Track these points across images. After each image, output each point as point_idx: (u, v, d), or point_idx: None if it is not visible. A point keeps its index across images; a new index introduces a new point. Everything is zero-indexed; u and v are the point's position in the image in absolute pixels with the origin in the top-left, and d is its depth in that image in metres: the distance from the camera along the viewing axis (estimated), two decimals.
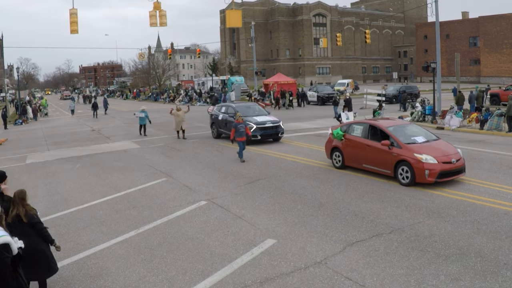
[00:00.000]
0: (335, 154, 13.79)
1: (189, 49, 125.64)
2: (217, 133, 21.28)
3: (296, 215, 9.42)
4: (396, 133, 12.10)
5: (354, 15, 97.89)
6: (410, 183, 11.16)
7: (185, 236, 8.48)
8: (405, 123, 14.04)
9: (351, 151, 13.18)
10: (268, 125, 19.19)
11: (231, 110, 20.46)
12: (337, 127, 14.21)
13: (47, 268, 6.29)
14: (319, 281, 6.44)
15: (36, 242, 6.17)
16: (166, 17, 24.97)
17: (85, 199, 11.46)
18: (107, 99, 47.60)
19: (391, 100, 38.68)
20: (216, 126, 21.33)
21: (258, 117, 19.59)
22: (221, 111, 21.32)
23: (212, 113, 22.34)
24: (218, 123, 21.08)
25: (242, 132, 15.32)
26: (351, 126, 13.57)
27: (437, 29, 28.42)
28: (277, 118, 20.06)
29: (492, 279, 6.27)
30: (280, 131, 19.48)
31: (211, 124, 22.18)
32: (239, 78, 63.11)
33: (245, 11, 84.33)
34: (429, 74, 30.13)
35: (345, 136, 13.38)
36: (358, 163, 12.94)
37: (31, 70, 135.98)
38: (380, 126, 12.58)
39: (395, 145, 11.69)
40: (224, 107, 21.68)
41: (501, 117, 20.60)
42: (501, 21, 70.76)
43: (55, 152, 19.92)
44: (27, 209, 6.17)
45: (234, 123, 15.73)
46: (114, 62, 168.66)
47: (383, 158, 11.97)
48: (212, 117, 22.04)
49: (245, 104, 23.07)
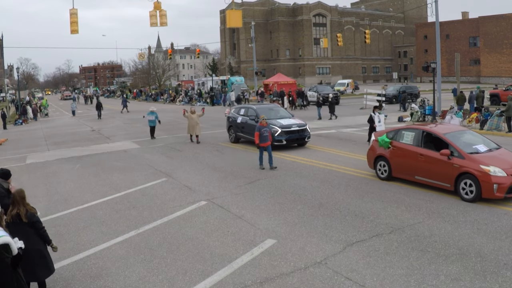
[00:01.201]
0: (380, 164, 12.14)
1: (189, 49, 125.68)
2: (235, 137, 19.70)
3: (296, 215, 9.42)
4: (455, 141, 10.61)
5: (354, 15, 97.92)
6: (475, 198, 9.74)
7: (185, 236, 8.48)
8: (461, 128, 12.49)
9: (400, 161, 11.58)
10: (294, 128, 17.58)
11: (251, 112, 18.96)
12: (382, 133, 12.58)
13: (46, 268, 6.30)
14: (319, 281, 6.44)
15: (35, 242, 6.18)
16: (166, 17, 24.97)
17: (85, 199, 11.47)
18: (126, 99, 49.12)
19: (391, 100, 38.69)
20: (234, 130, 19.77)
21: (283, 120, 17.99)
22: (240, 113, 19.76)
23: (229, 115, 20.71)
24: (237, 126, 19.55)
25: (266, 137, 14.14)
26: (400, 132, 11.94)
27: (437, 29, 28.43)
28: (302, 121, 18.44)
29: (492, 279, 6.28)
30: (307, 135, 17.87)
31: (228, 128, 20.50)
32: (239, 78, 63.01)
33: (245, 11, 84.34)
34: (429, 74, 30.13)
35: (393, 144, 11.83)
36: (409, 175, 11.35)
37: (31, 70, 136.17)
38: (436, 133, 11.09)
39: (456, 155, 10.21)
40: (243, 109, 20.13)
41: (501, 117, 20.61)
42: (501, 21, 70.79)
43: (55, 152, 19.92)
44: (27, 208, 6.18)
45: (257, 126, 14.37)
46: (114, 62, 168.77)
47: (441, 169, 10.43)
48: (229, 120, 20.37)
49: (267, 106, 21.27)
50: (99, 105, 38.86)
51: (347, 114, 31.21)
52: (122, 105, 44.97)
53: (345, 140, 19.39)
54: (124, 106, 44.66)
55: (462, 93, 29.61)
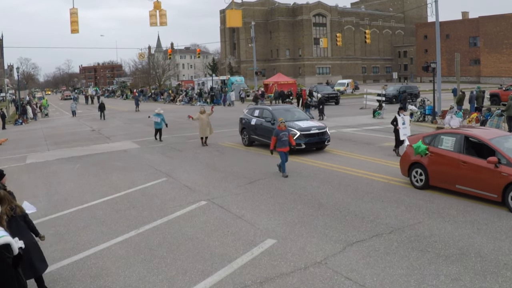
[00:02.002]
0: (416, 172, 11.15)
1: (189, 49, 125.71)
2: (249, 140, 18.68)
3: (296, 215, 9.42)
4: (502, 147, 9.73)
5: (354, 15, 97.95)
6: None
7: (185, 236, 8.48)
8: (506, 134, 11.58)
9: (439, 169, 10.63)
10: (313, 131, 16.50)
11: (266, 113, 17.94)
12: (416, 139, 11.50)
13: (43, 261, 6.40)
14: (319, 281, 6.44)
15: (30, 236, 6.32)
16: (166, 17, 25.01)
17: (85, 199, 11.46)
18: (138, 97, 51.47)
19: (391, 100, 38.68)
20: (248, 132, 18.74)
21: (301, 122, 16.92)
22: (254, 114, 18.72)
23: (242, 117, 19.68)
24: (251, 128, 18.53)
25: (285, 141, 12.98)
26: (438, 138, 10.96)
27: (437, 29, 28.44)
28: (322, 124, 17.58)
29: (492, 279, 6.28)
30: (327, 138, 16.82)
31: (241, 130, 19.47)
32: (239, 78, 63.10)
33: (245, 11, 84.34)
34: (429, 74, 30.13)
35: (430, 150, 10.93)
36: (449, 184, 10.42)
37: (31, 70, 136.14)
38: (480, 138, 10.19)
39: (504, 163, 9.36)
40: (257, 110, 19.03)
41: (501, 117, 20.62)
42: (501, 21, 70.81)
43: (55, 152, 19.92)
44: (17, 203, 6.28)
45: (275, 130, 13.21)
46: (114, 62, 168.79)
47: (486, 178, 9.60)
48: (242, 122, 19.33)
49: (283, 107, 19.97)
50: (102, 105, 37.91)
51: (347, 114, 31.22)
52: (135, 104, 47.52)
53: (346, 140, 19.38)
54: (136, 105, 47.07)
55: (463, 92, 29.61)
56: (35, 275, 6.27)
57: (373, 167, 13.75)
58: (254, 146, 18.45)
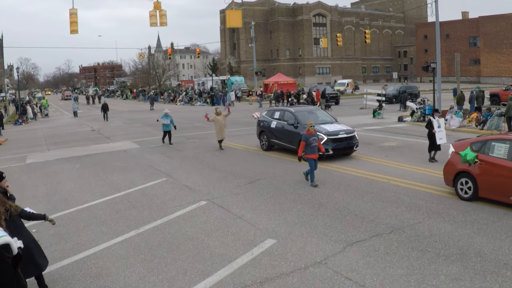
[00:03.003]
0: (462, 181, 10.15)
1: (189, 49, 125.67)
2: (268, 145, 17.42)
3: (296, 215, 9.42)
4: None
5: (354, 15, 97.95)
6: None
7: (185, 236, 8.48)
8: None
9: (491, 179, 9.67)
10: (341, 135, 15.14)
11: (288, 116, 16.70)
12: (464, 145, 10.50)
13: (45, 258, 6.41)
14: (319, 281, 6.44)
15: (29, 233, 6.34)
16: (166, 17, 24.99)
17: (85, 199, 11.46)
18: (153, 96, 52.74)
19: (391, 100, 38.70)
20: (267, 136, 17.43)
21: (327, 126, 15.55)
22: (274, 117, 17.50)
23: (260, 119, 18.39)
24: (271, 132, 17.24)
25: (314, 147, 11.90)
26: (489, 144, 10.01)
27: (437, 29, 28.43)
28: (350, 127, 16.10)
29: (492, 279, 6.28)
30: (355, 143, 15.47)
31: (259, 133, 18.18)
32: (239, 78, 63.16)
33: (245, 11, 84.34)
34: (429, 74, 30.13)
35: (479, 157, 9.97)
36: (502, 195, 9.44)
37: (31, 70, 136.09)
38: None
39: None
40: (278, 112, 17.74)
41: (501, 117, 20.63)
42: (501, 21, 70.82)
43: (55, 152, 19.92)
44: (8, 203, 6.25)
45: (304, 135, 12.09)
46: (114, 62, 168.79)
47: None
48: (260, 125, 18.11)
49: (306, 109, 18.34)
50: (105, 106, 36.62)
51: (347, 114, 31.22)
52: (150, 103, 48.69)
53: None
54: (152, 104, 48.30)
55: (462, 93, 29.61)
56: (38, 272, 6.28)
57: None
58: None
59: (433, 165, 13.72)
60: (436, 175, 12.43)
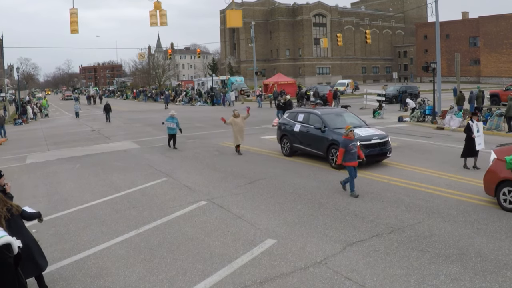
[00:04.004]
0: (505, 191, 9.30)
1: (189, 49, 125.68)
2: (291, 149, 16.10)
3: (296, 215, 9.42)
4: None
5: (354, 15, 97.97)
6: None
7: (185, 236, 8.48)
8: None
9: None
10: (374, 141, 13.82)
11: (314, 119, 15.32)
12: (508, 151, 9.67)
13: (43, 258, 6.40)
14: (319, 281, 6.44)
15: (29, 233, 6.35)
16: (166, 17, 25.00)
17: (85, 199, 11.46)
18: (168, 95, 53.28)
19: (391, 100, 38.70)
20: (290, 140, 16.10)
21: (358, 130, 13.96)
22: (297, 119, 16.12)
23: (282, 122, 17.01)
24: (294, 136, 15.92)
25: (354, 154, 10.89)
26: None
27: (437, 29, 28.44)
28: (383, 132, 14.91)
29: (492, 279, 6.28)
30: (389, 149, 14.17)
31: (280, 137, 16.81)
32: (239, 78, 63.16)
33: (245, 11, 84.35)
34: (429, 74, 30.13)
35: None
36: None
37: (31, 70, 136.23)
38: None
39: None
40: (301, 114, 16.23)
41: (501, 117, 20.64)
42: (501, 21, 70.82)
43: (55, 152, 19.92)
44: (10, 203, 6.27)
45: (344, 141, 10.98)
46: (114, 62, 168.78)
47: None
48: (281, 129, 16.74)
49: (333, 111, 16.70)
50: (107, 107, 35.34)
51: None
52: (165, 102, 49.89)
53: None
54: (166, 103, 49.37)
55: (462, 93, 29.64)
56: (37, 272, 6.28)
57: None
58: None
59: (433, 165, 13.71)
60: (435, 175, 12.45)
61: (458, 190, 10.79)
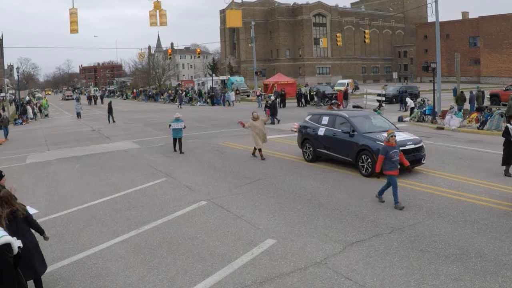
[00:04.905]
0: None
1: (189, 49, 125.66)
2: (314, 154, 14.88)
3: (296, 215, 9.42)
4: None
5: (354, 15, 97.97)
6: None
7: (185, 236, 8.48)
8: None
9: None
10: (409, 147, 12.60)
11: (341, 122, 14.11)
12: None
13: (43, 263, 6.38)
14: (319, 281, 6.44)
15: (32, 237, 6.31)
16: (166, 17, 25.03)
17: (85, 199, 11.46)
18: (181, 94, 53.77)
19: (391, 100, 38.71)
20: (313, 145, 14.90)
21: None
22: (321, 122, 14.88)
23: (304, 124, 15.71)
24: (317, 140, 14.69)
25: (396, 162, 9.97)
26: None
27: (437, 29, 28.45)
28: (417, 136, 13.72)
29: (492, 279, 6.27)
30: (423, 155, 13.06)
31: (301, 142, 15.58)
32: (239, 78, 63.19)
33: (245, 11, 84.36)
34: (429, 74, 30.15)
35: None
36: None
37: (31, 70, 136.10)
38: None
39: None
40: (326, 116, 14.93)
41: (501, 117, 20.64)
42: (501, 21, 70.81)
43: (55, 152, 19.92)
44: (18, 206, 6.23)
45: (384, 147, 10.07)
46: (114, 62, 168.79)
47: None
48: (303, 132, 15.52)
49: (361, 113, 15.17)
50: (110, 107, 34.26)
51: None
52: (179, 101, 50.43)
53: None
54: (180, 102, 49.96)
55: (462, 93, 29.64)
56: (34, 276, 6.26)
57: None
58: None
59: (433, 165, 13.70)
60: (435, 175, 12.45)
61: (458, 190, 10.79)
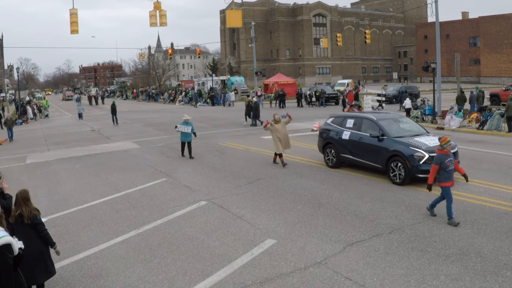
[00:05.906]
0: None
1: (189, 49, 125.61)
2: (337, 160, 13.82)
3: (296, 215, 9.42)
4: None
5: (354, 15, 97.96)
6: None
7: (185, 236, 8.48)
8: None
9: None
10: None
11: (369, 125, 13.01)
12: None
13: (45, 272, 6.26)
14: (319, 281, 6.44)
15: (37, 244, 6.15)
16: (166, 17, 25.02)
17: (85, 199, 11.46)
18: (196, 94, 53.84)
19: (391, 100, 38.70)
20: (336, 150, 13.84)
21: (423, 139, 11.97)
22: (345, 125, 13.80)
23: (325, 127, 14.67)
24: (341, 145, 13.65)
25: (451, 172, 8.93)
26: None
27: (437, 29, 28.44)
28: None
29: (492, 279, 6.28)
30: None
31: (323, 146, 14.52)
32: (239, 78, 63.12)
33: (245, 11, 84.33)
34: (429, 74, 30.13)
35: None
36: None
37: (31, 70, 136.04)
38: None
39: None
40: (351, 119, 13.83)
41: (501, 117, 20.64)
42: (501, 21, 70.79)
43: (55, 152, 19.92)
44: (30, 209, 6.17)
45: (438, 156, 8.93)
46: (114, 62, 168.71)
47: None
48: (323, 136, 14.57)
49: (390, 116, 13.77)
50: (113, 108, 32.64)
51: None
52: (194, 101, 51.69)
53: None
54: (196, 102, 51.04)
55: (463, 93, 29.63)
56: (33, 283, 6.20)
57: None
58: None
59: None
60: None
61: (458, 190, 10.78)
